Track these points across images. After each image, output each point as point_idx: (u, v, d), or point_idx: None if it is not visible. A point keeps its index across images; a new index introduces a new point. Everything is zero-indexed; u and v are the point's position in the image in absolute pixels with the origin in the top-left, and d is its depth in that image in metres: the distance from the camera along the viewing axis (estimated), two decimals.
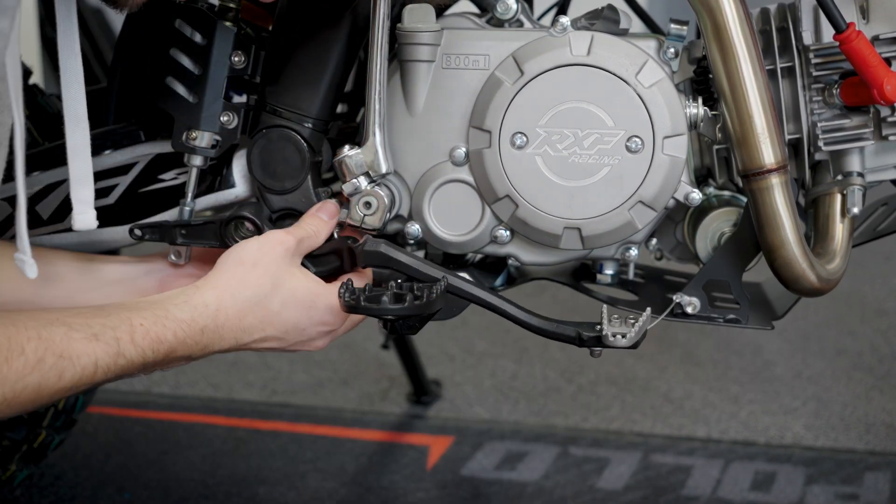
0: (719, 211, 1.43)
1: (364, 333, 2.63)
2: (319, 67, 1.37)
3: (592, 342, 1.35)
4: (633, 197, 1.36)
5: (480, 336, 2.64)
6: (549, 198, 1.37)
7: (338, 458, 2.08)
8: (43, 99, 1.67)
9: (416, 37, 1.37)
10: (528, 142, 1.36)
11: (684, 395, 2.32)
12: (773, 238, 1.34)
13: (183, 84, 1.38)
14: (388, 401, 2.32)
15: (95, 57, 2.74)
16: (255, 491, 1.96)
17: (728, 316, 1.42)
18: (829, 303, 2.72)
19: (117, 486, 1.97)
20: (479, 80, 1.37)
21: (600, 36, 1.36)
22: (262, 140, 1.39)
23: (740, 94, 1.32)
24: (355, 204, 1.37)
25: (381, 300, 1.26)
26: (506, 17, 1.41)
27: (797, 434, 2.16)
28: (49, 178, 1.49)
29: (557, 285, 1.55)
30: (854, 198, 1.40)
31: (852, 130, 1.40)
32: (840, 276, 1.40)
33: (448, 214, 1.40)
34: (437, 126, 1.39)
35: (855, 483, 1.97)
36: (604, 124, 1.35)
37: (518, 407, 2.29)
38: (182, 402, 2.33)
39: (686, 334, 2.60)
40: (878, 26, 1.37)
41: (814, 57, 1.38)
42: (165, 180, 1.46)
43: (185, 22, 1.38)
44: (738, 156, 1.34)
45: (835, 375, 2.40)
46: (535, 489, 1.96)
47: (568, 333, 1.36)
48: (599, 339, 1.33)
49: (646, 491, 1.95)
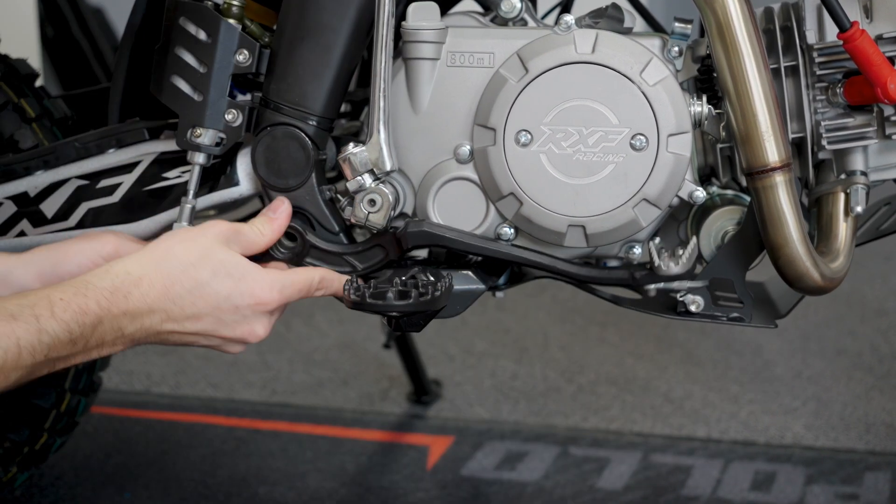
0: (723, 209, 1.44)
1: (364, 333, 2.63)
2: (324, 65, 1.37)
3: (646, 279, 1.34)
4: (638, 195, 1.36)
5: (480, 336, 2.64)
6: (553, 195, 1.37)
7: (338, 458, 2.07)
8: (49, 101, 1.67)
9: (421, 35, 1.37)
10: (532, 139, 1.36)
11: (684, 395, 2.32)
12: (776, 236, 1.35)
13: (187, 82, 1.38)
14: (388, 401, 2.32)
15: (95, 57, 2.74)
16: (255, 491, 1.96)
17: (731, 314, 1.42)
18: (829, 303, 2.72)
19: (117, 486, 1.97)
20: (483, 78, 1.38)
21: (604, 34, 1.36)
22: (266, 138, 1.39)
23: (744, 92, 1.32)
24: (359, 201, 1.37)
25: (385, 296, 1.26)
26: (510, 15, 1.42)
27: (797, 434, 2.16)
28: (52, 177, 1.49)
29: (558, 285, 1.55)
30: (857, 197, 1.41)
31: (856, 129, 1.40)
32: (843, 274, 1.40)
33: (452, 212, 1.40)
34: (442, 124, 1.39)
35: (855, 483, 1.97)
36: (608, 122, 1.35)
37: (518, 407, 2.29)
38: (182, 402, 2.32)
39: (686, 334, 2.60)
40: (882, 25, 1.38)
41: (817, 56, 1.39)
42: (170, 178, 1.46)
43: (190, 20, 1.38)
44: (741, 154, 1.34)
45: (835, 375, 2.41)
46: (535, 489, 1.96)
47: (621, 276, 1.37)
48: (652, 273, 1.33)
49: (646, 491, 1.95)
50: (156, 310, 1.21)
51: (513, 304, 2.81)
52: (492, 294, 1.54)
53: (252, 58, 1.38)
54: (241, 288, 1.26)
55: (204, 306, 1.24)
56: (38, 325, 1.12)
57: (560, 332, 2.67)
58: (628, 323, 2.67)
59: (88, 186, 1.48)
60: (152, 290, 1.21)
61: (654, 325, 2.64)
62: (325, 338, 2.64)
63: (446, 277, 1.36)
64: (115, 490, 1.96)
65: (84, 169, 1.49)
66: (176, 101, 1.39)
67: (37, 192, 1.49)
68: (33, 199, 1.49)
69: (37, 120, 1.61)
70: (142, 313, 1.20)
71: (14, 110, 1.62)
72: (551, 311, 2.79)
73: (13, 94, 1.63)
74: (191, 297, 1.23)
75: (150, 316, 1.21)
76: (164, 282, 1.22)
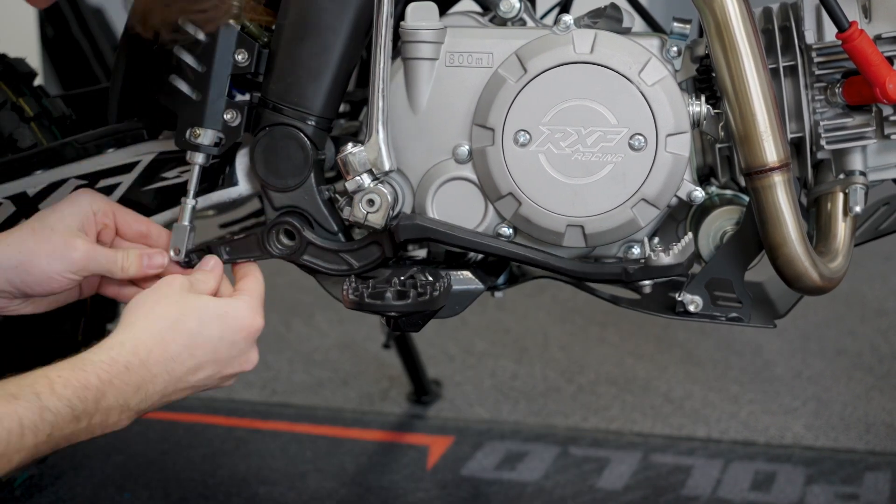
0: (722, 209, 1.44)
1: (364, 333, 2.63)
2: (323, 65, 1.37)
3: (638, 274, 1.34)
4: (636, 195, 1.36)
5: (480, 336, 2.64)
6: (552, 195, 1.37)
7: (338, 458, 2.08)
8: (48, 100, 1.67)
9: (420, 35, 1.37)
10: (531, 139, 1.36)
11: (684, 395, 2.32)
12: (775, 236, 1.35)
13: (186, 82, 1.38)
14: (388, 401, 2.32)
15: (95, 57, 2.74)
16: (255, 491, 1.96)
17: (730, 314, 1.42)
18: (829, 303, 2.72)
19: (117, 486, 1.97)
20: (482, 78, 1.38)
21: (603, 34, 1.36)
22: (265, 138, 1.39)
23: (743, 92, 1.32)
24: (358, 202, 1.37)
25: (384, 296, 1.26)
26: (509, 15, 1.42)
27: (797, 434, 2.16)
28: (51, 176, 1.49)
29: (557, 285, 1.55)
30: (856, 196, 1.41)
31: (854, 129, 1.40)
32: (842, 274, 1.40)
33: (451, 212, 1.40)
34: (440, 124, 1.39)
35: (855, 483, 1.97)
36: (607, 122, 1.35)
37: (518, 407, 2.29)
38: (182, 402, 2.31)
39: (686, 334, 2.60)
40: (881, 25, 1.38)
41: (816, 56, 1.39)
42: (168, 178, 1.46)
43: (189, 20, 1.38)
44: (740, 154, 1.34)
45: (835, 375, 2.40)
46: (535, 489, 1.96)
47: (613, 271, 1.36)
48: (645, 267, 1.33)
49: (646, 491, 1.95)
50: (157, 374, 1.19)
51: (513, 304, 2.81)
52: (491, 294, 1.54)
53: (251, 58, 1.38)
54: (230, 324, 1.25)
55: (202, 355, 1.23)
56: (40, 402, 1.09)
57: (560, 332, 2.67)
58: (628, 323, 2.67)
59: (87, 186, 1.48)
60: (150, 355, 1.19)
61: (654, 325, 2.64)
62: (325, 338, 2.64)
63: (445, 277, 1.36)
64: (115, 490, 1.96)
65: (83, 169, 1.48)
66: (175, 101, 1.39)
67: (36, 192, 1.49)
68: (32, 198, 1.49)
69: (35, 119, 1.61)
70: (145, 382, 1.18)
71: (12, 109, 1.62)
72: (551, 311, 2.79)
73: (11, 94, 1.63)
74: (188, 351, 1.22)
75: (153, 383, 1.19)
76: (159, 343, 1.20)
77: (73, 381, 1.12)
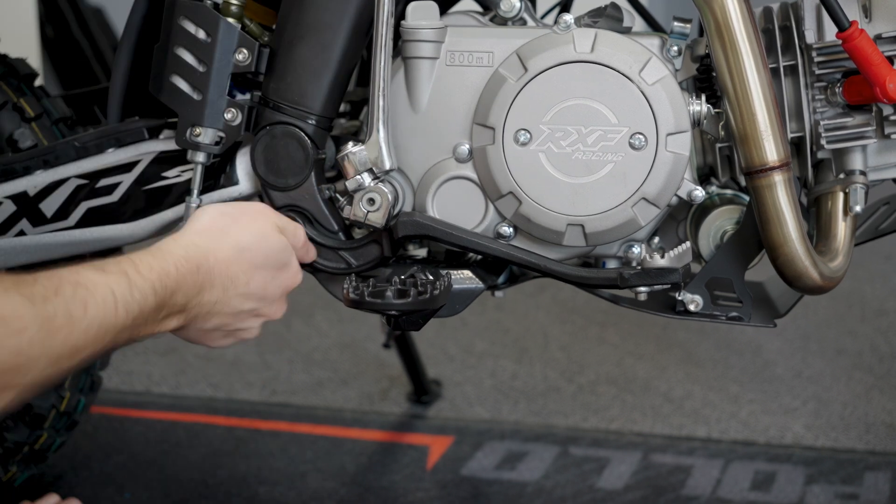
0: (722, 209, 1.44)
1: (364, 333, 2.63)
2: (323, 64, 1.38)
3: (634, 279, 1.34)
4: (637, 194, 1.36)
5: (480, 336, 2.64)
6: (552, 194, 1.37)
7: (338, 458, 2.07)
8: (48, 101, 1.67)
9: (420, 34, 1.37)
10: (531, 138, 1.36)
11: (684, 395, 2.32)
12: (775, 235, 1.35)
13: (187, 81, 1.39)
14: (388, 401, 2.32)
15: (95, 57, 2.74)
16: (255, 491, 1.96)
17: (730, 314, 1.42)
18: (829, 302, 2.72)
19: (117, 486, 1.97)
20: (482, 78, 1.38)
21: (604, 33, 1.36)
22: (265, 137, 1.39)
23: (743, 91, 1.32)
24: (358, 200, 1.37)
25: (384, 295, 1.26)
26: (509, 14, 1.42)
27: (797, 434, 2.16)
28: (51, 176, 1.50)
29: (557, 284, 1.55)
30: (856, 196, 1.41)
31: (855, 129, 1.40)
32: (842, 274, 1.40)
33: (451, 211, 1.40)
34: (441, 123, 1.39)
35: (855, 483, 1.97)
36: (607, 121, 1.35)
37: (518, 407, 2.29)
38: (182, 402, 2.32)
39: (686, 334, 2.60)
40: (881, 25, 1.38)
41: (816, 55, 1.39)
42: (169, 178, 1.46)
43: (189, 19, 1.38)
44: (741, 153, 1.34)
45: (835, 375, 2.40)
46: (535, 489, 1.96)
47: (609, 276, 1.37)
48: (641, 272, 1.33)
49: (646, 491, 1.95)
50: (216, 285, 1.21)
51: (513, 304, 2.81)
52: (491, 293, 1.54)
53: (251, 57, 1.38)
54: (284, 273, 1.29)
55: (255, 287, 1.26)
56: (129, 278, 1.08)
57: (560, 332, 2.67)
58: (628, 323, 2.67)
59: (88, 186, 1.48)
60: (217, 265, 1.21)
61: (654, 325, 2.64)
62: (325, 338, 2.64)
63: (445, 276, 1.36)
64: (115, 490, 1.96)
65: (83, 168, 1.49)
66: (175, 100, 1.39)
67: (36, 192, 1.49)
68: (33, 198, 1.50)
69: (36, 119, 1.62)
70: (205, 287, 1.20)
71: (13, 110, 1.62)
72: (551, 311, 2.79)
73: (12, 94, 1.63)
74: (245, 278, 1.24)
75: (210, 291, 1.21)
76: (225, 260, 1.22)
77: (155, 266, 1.13)
